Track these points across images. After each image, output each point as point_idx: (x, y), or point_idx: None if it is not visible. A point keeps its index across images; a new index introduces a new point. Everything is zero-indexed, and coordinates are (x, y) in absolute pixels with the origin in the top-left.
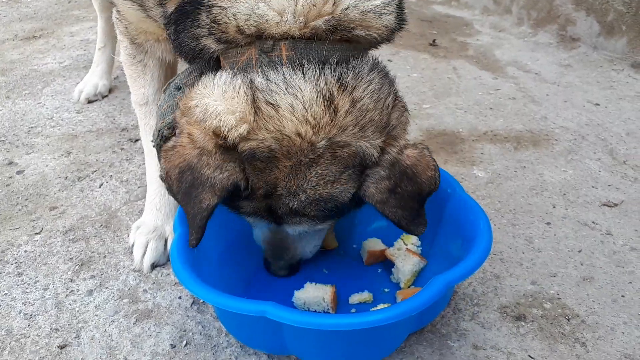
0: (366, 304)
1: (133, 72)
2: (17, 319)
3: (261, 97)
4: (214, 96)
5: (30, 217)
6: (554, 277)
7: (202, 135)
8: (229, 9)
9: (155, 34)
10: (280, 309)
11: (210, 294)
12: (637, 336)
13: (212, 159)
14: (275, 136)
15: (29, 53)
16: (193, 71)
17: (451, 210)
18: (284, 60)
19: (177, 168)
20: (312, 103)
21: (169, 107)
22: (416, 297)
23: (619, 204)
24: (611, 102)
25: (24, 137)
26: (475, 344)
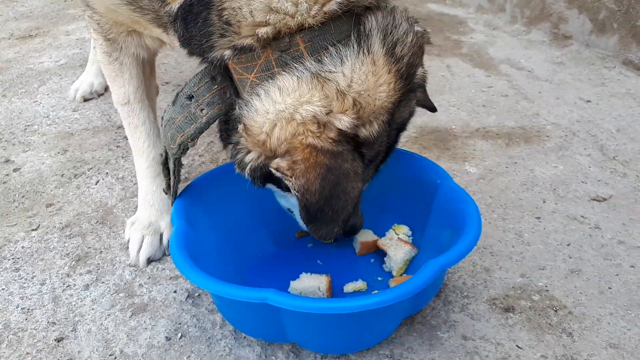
0: (361, 292)
1: (111, 71)
2: (14, 313)
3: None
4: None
5: (26, 213)
6: (543, 269)
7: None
8: (243, 7)
9: (125, 24)
10: (282, 295)
11: (212, 283)
12: (622, 326)
13: (345, 154)
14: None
15: (25, 52)
16: (203, 77)
17: (440, 200)
18: (304, 53)
19: (319, 176)
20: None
21: (185, 119)
22: (412, 280)
23: (607, 198)
24: (602, 99)
25: (21, 135)
26: (465, 335)
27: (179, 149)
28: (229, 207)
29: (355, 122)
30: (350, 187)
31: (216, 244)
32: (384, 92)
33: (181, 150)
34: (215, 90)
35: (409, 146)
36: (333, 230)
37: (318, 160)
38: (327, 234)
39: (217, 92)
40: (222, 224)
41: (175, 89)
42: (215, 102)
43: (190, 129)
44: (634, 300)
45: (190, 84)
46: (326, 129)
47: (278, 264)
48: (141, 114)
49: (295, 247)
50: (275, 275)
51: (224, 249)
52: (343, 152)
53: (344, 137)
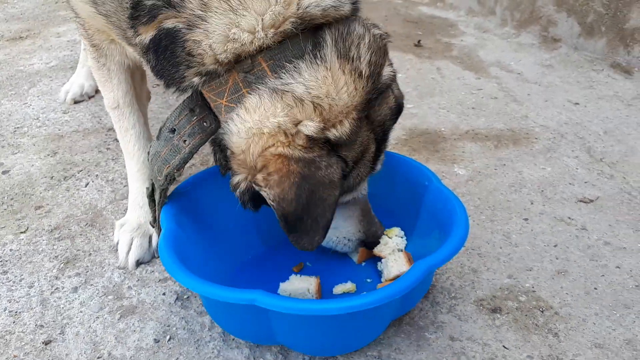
0: (350, 293)
1: (100, 76)
2: (2, 316)
3: (305, 97)
4: (251, 119)
5: (15, 216)
6: (530, 270)
7: (285, 148)
8: (202, 41)
9: (106, 33)
10: (270, 297)
11: (202, 285)
12: (607, 327)
13: (318, 162)
14: (351, 109)
15: (15, 54)
16: (182, 110)
17: (428, 202)
18: (267, 71)
19: (294, 185)
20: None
21: (170, 151)
22: (400, 281)
23: (594, 200)
24: (590, 101)
25: (10, 137)
26: (452, 336)
27: (165, 180)
28: (218, 209)
29: (320, 125)
30: (326, 195)
31: (205, 246)
32: (345, 92)
33: (168, 181)
34: (195, 121)
35: (399, 148)
36: (314, 238)
37: (291, 169)
38: (309, 242)
39: (197, 122)
40: (211, 226)
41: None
42: (196, 132)
43: (175, 160)
44: (619, 300)
45: (171, 118)
46: (295, 137)
47: (267, 266)
48: (131, 118)
49: (284, 249)
50: (264, 277)
51: (213, 251)
52: (315, 159)
53: (314, 142)
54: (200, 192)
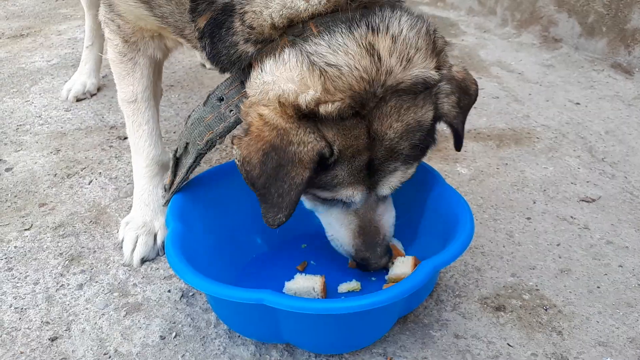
0: (355, 292)
1: (122, 69)
2: (7, 312)
3: (318, 60)
4: (268, 73)
5: (19, 213)
6: (533, 269)
7: (271, 112)
8: (263, 11)
9: (151, 30)
10: (279, 296)
11: (209, 284)
12: (610, 325)
13: (293, 135)
14: (349, 94)
15: (16, 51)
16: (233, 81)
17: (433, 201)
18: (314, 32)
19: (260, 151)
20: (360, 58)
21: (215, 118)
22: (406, 281)
23: (596, 199)
24: (591, 101)
25: (12, 135)
26: (456, 333)
27: (205, 145)
28: (224, 207)
29: (318, 95)
30: (294, 173)
31: (211, 244)
32: (357, 68)
33: (208, 147)
34: (244, 93)
35: None
36: (277, 215)
37: (263, 135)
38: (273, 218)
39: (245, 95)
40: (217, 224)
41: (181, 92)
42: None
43: (219, 127)
44: (622, 299)
45: (221, 87)
46: (287, 107)
47: (271, 265)
48: (146, 113)
49: (289, 248)
50: (269, 276)
51: (219, 249)
52: (290, 130)
53: (299, 112)
54: (207, 190)
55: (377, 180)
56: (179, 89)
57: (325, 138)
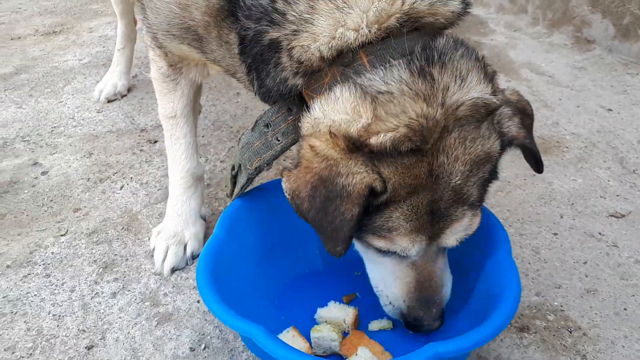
0: (385, 331)
1: (164, 88)
2: (46, 319)
3: (370, 90)
4: (322, 109)
5: (55, 218)
6: (559, 288)
7: (323, 143)
8: (311, 45)
9: (197, 59)
10: (266, 337)
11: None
12: (637, 350)
13: (342, 166)
14: (404, 121)
15: (49, 49)
16: (281, 108)
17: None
18: (365, 65)
19: (309, 184)
20: (413, 82)
21: (262, 145)
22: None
23: (626, 214)
24: (624, 107)
25: (48, 137)
26: (480, 354)
27: (255, 171)
28: (280, 219)
29: (369, 122)
30: (344, 208)
31: (256, 257)
32: (408, 91)
33: (257, 172)
34: (291, 121)
35: None
36: (335, 248)
37: (312, 167)
38: (332, 248)
39: (292, 122)
40: (270, 236)
41: None
42: (290, 132)
43: (267, 155)
44: None
45: (268, 113)
46: (340, 138)
47: (319, 285)
48: (184, 127)
49: (342, 271)
50: (311, 296)
51: (268, 260)
52: (339, 161)
53: (351, 143)
54: (265, 201)
55: (441, 229)
56: (207, 91)
57: (379, 173)
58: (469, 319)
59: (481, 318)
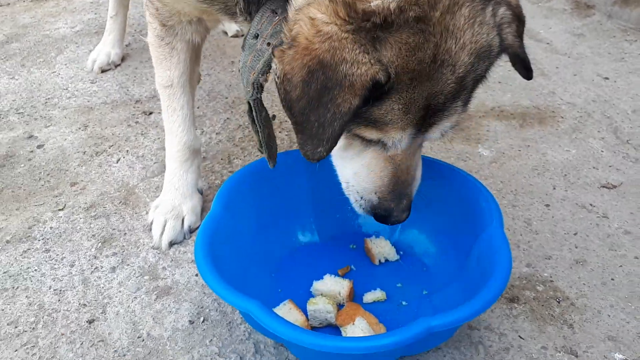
0: (379, 303)
1: (160, 54)
2: (47, 294)
3: None
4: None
5: (52, 192)
6: (549, 259)
7: (325, 14)
8: None
9: (189, 14)
10: (263, 312)
11: (213, 281)
12: (621, 319)
13: (348, 51)
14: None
15: (40, 17)
16: (264, 13)
17: (482, 244)
18: None
19: (305, 68)
20: None
21: (254, 57)
22: (393, 334)
23: (617, 185)
24: (621, 75)
25: (42, 108)
26: (470, 325)
27: (253, 89)
28: (278, 193)
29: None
30: (341, 99)
31: (253, 232)
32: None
33: (256, 90)
34: (277, 22)
35: None
36: (317, 149)
37: (312, 47)
38: (311, 151)
39: (279, 23)
40: (267, 209)
41: None
42: (279, 30)
43: (259, 64)
44: (635, 292)
45: (253, 24)
46: (340, 4)
47: (316, 258)
48: (181, 98)
49: (338, 245)
50: (307, 270)
51: (265, 234)
52: (345, 43)
53: (355, 14)
54: (263, 175)
55: (431, 123)
56: (202, 59)
57: (380, 60)
58: (460, 292)
59: (472, 292)
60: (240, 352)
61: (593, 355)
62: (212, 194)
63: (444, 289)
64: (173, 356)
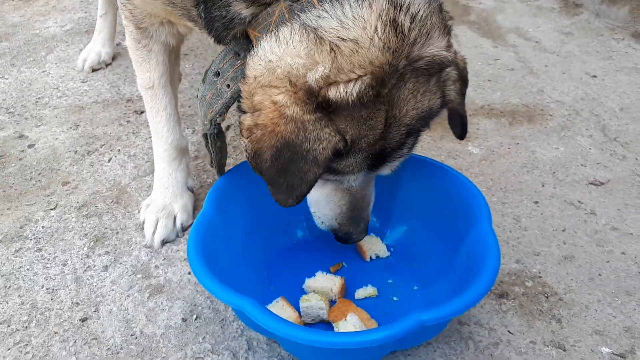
0: (370, 299)
1: (138, 56)
2: (40, 293)
3: (327, 36)
4: (273, 51)
5: (44, 192)
6: (537, 255)
7: (286, 97)
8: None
9: (159, 16)
10: (256, 310)
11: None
12: (608, 313)
13: (310, 132)
14: (370, 70)
15: (29, 15)
16: (227, 53)
17: (470, 241)
18: (314, 3)
19: (273, 148)
20: (382, 31)
21: (213, 95)
22: (382, 329)
23: (605, 182)
24: (608, 74)
25: (32, 108)
26: (460, 320)
27: (210, 124)
28: (262, 195)
29: (328, 72)
30: (306, 169)
31: (245, 230)
32: (372, 44)
33: (213, 126)
34: (239, 65)
35: None
36: (287, 201)
37: (278, 130)
38: (284, 201)
39: (241, 67)
40: (253, 211)
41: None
42: (239, 76)
43: (218, 104)
44: (621, 287)
45: (216, 62)
46: (299, 88)
47: (308, 255)
48: (164, 99)
49: (331, 241)
50: (299, 267)
51: (251, 241)
52: (307, 125)
53: (313, 98)
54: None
55: (383, 164)
56: (193, 58)
57: (338, 130)
58: (450, 287)
59: (462, 287)
60: (233, 349)
61: (580, 349)
62: (204, 193)
63: (434, 284)
64: (166, 353)
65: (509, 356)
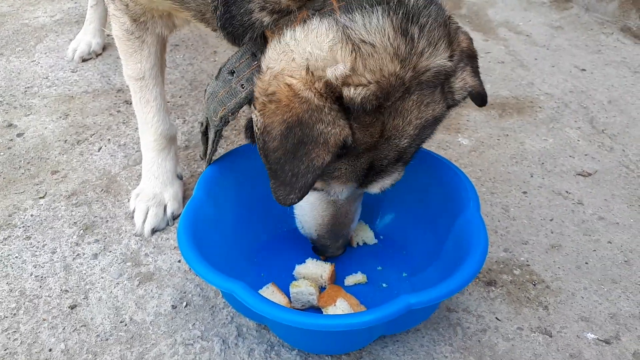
0: (360, 285)
1: (129, 47)
2: (29, 280)
3: (352, 34)
4: (295, 37)
5: (33, 180)
6: (525, 244)
7: (301, 83)
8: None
9: (162, 10)
10: (247, 293)
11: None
12: (594, 301)
13: (325, 114)
14: (377, 78)
15: (18, 5)
16: (244, 54)
17: (458, 227)
18: (336, 12)
19: (285, 123)
20: (395, 39)
21: (227, 93)
22: (372, 312)
23: (592, 173)
24: (597, 67)
25: (21, 97)
26: (449, 307)
27: (220, 122)
28: (259, 179)
29: (347, 72)
30: (315, 154)
31: (235, 217)
32: (390, 48)
33: (222, 123)
34: (255, 66)
35: None
36: (289, 195)
37: (292, 106)
38: (283, 197)
39: (257, 67)
40: (248, 196)
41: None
42: (255, 77)
43: (231, 103)
44: (607, 275)
45: (232, 60)
46: (316, 80)
47: (298, 243)
48: (154, 90)
49: None
50: (284, 257)
51: (241, 228)
52: (323, 108)
53: (330, 92)
54: (245, 161)
55: (372, 180)
56: (184, 49)
57: (350, 125)
58: (439, 273)
59: (450, 271)
60: (223, 335)
61: (567, 335)
62: (194, 182)
63: (422, 271)
64: (156, 340)
65: (496, 342)
